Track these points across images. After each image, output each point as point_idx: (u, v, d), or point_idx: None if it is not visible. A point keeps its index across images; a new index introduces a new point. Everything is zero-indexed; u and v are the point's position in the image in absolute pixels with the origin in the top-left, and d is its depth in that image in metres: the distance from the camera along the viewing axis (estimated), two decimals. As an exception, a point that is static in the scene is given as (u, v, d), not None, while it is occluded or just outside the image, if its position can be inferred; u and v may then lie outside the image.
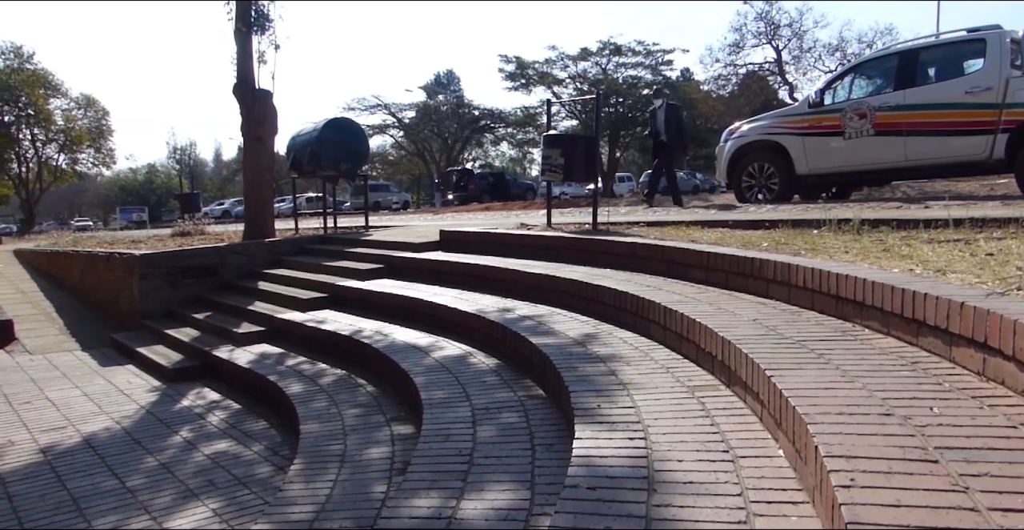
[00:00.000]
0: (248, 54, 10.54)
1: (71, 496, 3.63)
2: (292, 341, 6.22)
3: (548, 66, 40.02)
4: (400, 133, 53.91)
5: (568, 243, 6.33)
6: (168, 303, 8.24)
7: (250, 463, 3.99)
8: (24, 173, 40.46)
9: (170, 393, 5.64)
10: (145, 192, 67.54)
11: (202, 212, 25.96)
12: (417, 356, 4.66)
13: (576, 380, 3.26)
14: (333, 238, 9.91)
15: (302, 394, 4.60)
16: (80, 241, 14.18)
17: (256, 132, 10.60)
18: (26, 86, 38.16)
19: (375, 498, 2.95)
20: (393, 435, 3.75)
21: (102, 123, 42.39)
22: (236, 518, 3.26)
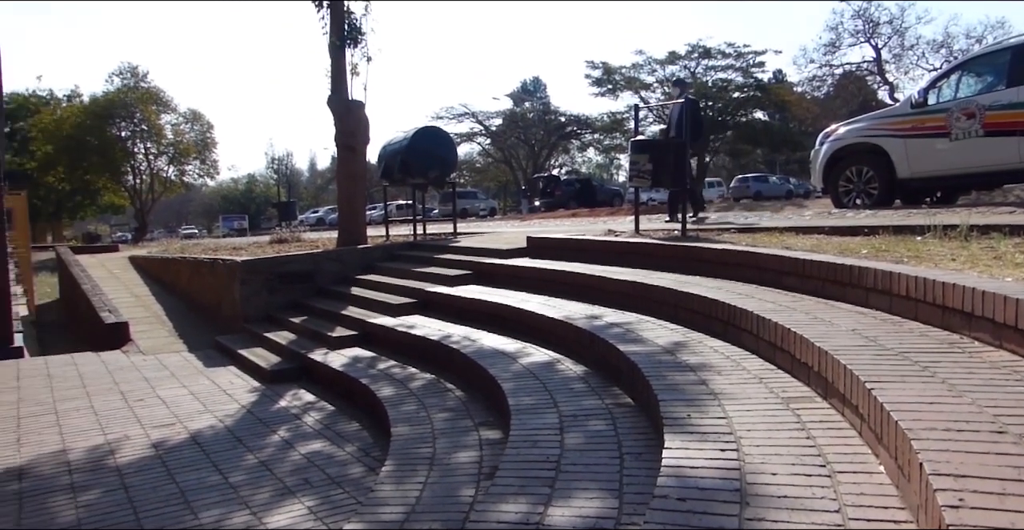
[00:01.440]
0: (341, 67, 10.88)
1: (179, 489, 3.82)
2: (383, 345, 6.37)
3: (635, 71, 39.69)
4: (487, 141, 54.49)
5: (656, 250, 6.26)
6: (267, 307, 8.57)
7: (343, 463, 4.11)
8: (138, 184, 42.95)
9: (268, 394, 5.86)
10: (245, 201, 70.52)
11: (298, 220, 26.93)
12: (504, 362, 4.70)
13: (665, 389, 3.22)
14: (422, 244, 10.10)
15: (393, 397, 4.70)
16: (187, 248, 14.93)
17: (349, 142, 10.93)
18: (140, 103, 40.54)
19: (463, 502, 2.99)
20: (481, 440, 3.79)
21: (207, 136, 44.53)
22: (330, 516, 3.36)
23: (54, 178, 40.61)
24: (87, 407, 5.67)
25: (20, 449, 4.65)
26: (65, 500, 3.76)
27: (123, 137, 41.08)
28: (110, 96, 40.71)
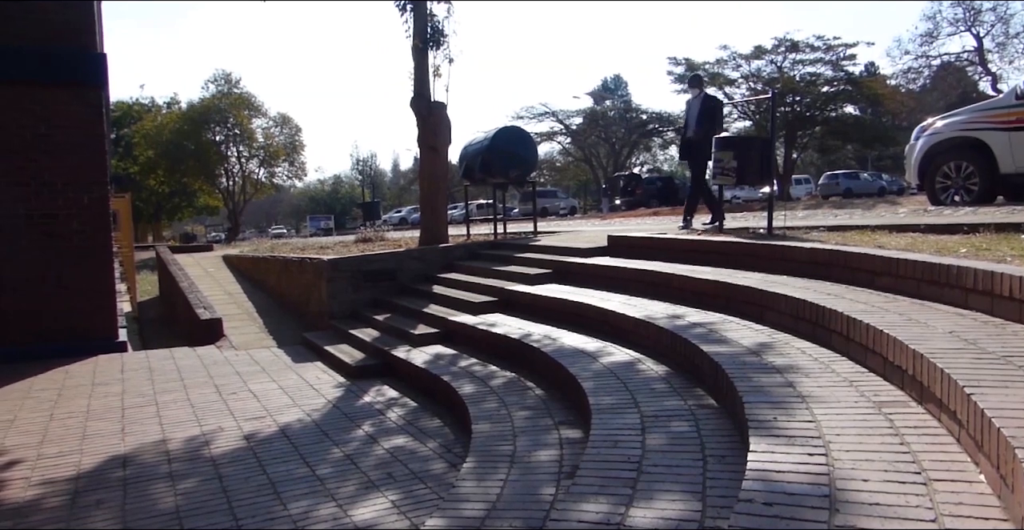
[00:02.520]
0: (424, 69, 11.05)
1: (270, 480, 3.96)
2: (464, 343, 6.44)
3: (719, 66, 38.85)
4: (567, 139, 54.37)
5: (741, 248, 6.12)
6: (352, 305, 8.80)
7: (425, 459, 4.18)
8: (231, 186, 44.76)
9: (353, 389, 6.01)
10: (331, 201, 72.44)
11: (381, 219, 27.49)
12: (585, 361, 4.68)
13: (750, 391, 3.15)
14: (503, 243, 10.16)
15: (474, 395, 4.75)
16: (276, 247, 15.45)
17: (431, 142, 11.09)
18: (233, 108, 42.25)
19: (544, 500, 3.00)
20: (561, 439, 3.79)
21: (295, 139, 46.01)
22: (413, 511, 3.42)
23: (155, 181, 42.78)
24: (184, 399, 5.94)
25: (124, 438, 4.91)
26: (165, 487, 3.94)
27: (217, 141, 42.88)
28: (206, 102, 42.57)
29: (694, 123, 9.19)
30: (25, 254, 8.14)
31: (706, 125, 9.01)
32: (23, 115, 8.10)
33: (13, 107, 8.06)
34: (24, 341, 8.08)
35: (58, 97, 8.23)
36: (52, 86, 8.20)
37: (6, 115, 8.03)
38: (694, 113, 9.24)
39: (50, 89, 8.20)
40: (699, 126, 9.08)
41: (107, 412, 5.64)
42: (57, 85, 8.21)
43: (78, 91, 8.34)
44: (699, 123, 9.10)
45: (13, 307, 8.08)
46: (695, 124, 9.17)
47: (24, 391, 6.51)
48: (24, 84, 8.08)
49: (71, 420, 5.44)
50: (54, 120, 8.22)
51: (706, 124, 9.01)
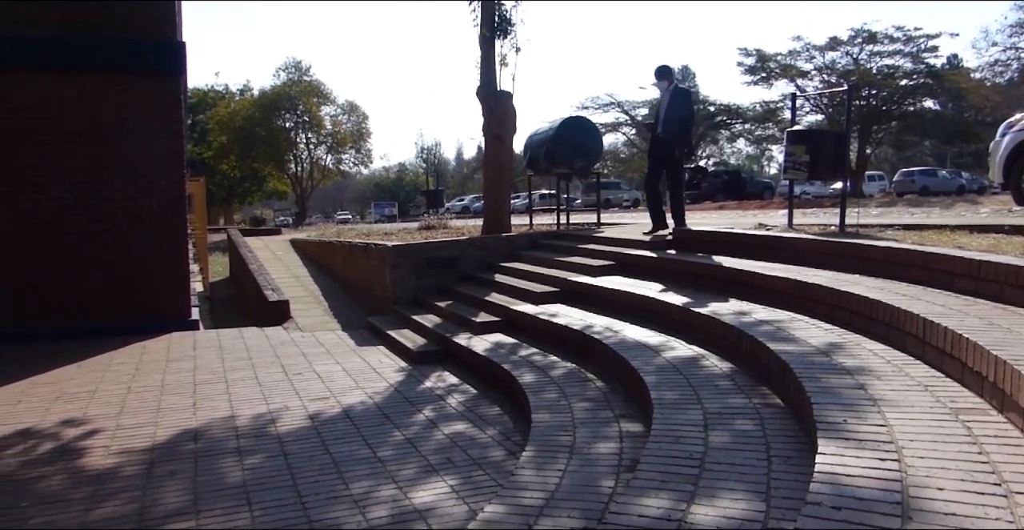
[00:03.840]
0: (491, 58, 11.07)
1: (333, 460, 4.05)
2: (525, 332, 6.46)
3: (792, 58, 37.77)
4: (633, 131, 53.76)
5: (811, 245, 5.97)
6: (415, 291, 8.91)
7: (484, 446, 4.21)
8: (299, 172, 45.76)
9: (414, 374, 6.10)
10: (395, 189, 73.32)
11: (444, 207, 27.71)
12: (647, 355, 4.65)
13: (819, 391, 3.07)
14: (565, 234, 10.13)
15: (533, 384, 4.77)
16: (342, 233, 15.72)
17: (496, 132, 11.12)
18: (303, 96, 43.15)
19: (603, 493, 2.99)
20: (621, 432, 3.77)
21: (362, 127, 46.72)
22: (471, 496, 3.45)
23: (227, 166, 44.02)
24: (252, 378, 6.11)
25: (196, 413, 5.09)
26: (233, 462, 4.07)
27: (287, 128, 43.86)
28: (276, 89, 43.55)
29: (663, 118, 8.34)
30: (109, 235, 8.49)
31: (674, 120, 8.25)
32: (108, 103, 8.43)
33: (99, 95, 8.39)
34: (106, 317, 8.45)
35: (140, 85, 8.54)
36: (135, 75, 8.51)
37: (93, 103, 8.37)
38: (663, 107, 8.41)
39: (133, 77, 8.51)
40: (667, 122, 8.28)
41: (180, 387, 5.85)
42: (139, 74, 8.52)
43: (159, 79, 8.63)
44: (667, 119, 8.29)
45: (97, 285, 8.45)
46: (663, 119, 8.33)
47: (105, 364, 6.80)
48: (109, 73, 8.41)
49: (147, 394, 5.67)
50: (136, 107, 8.53)
51: (674, 119, 8.25)
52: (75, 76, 8.31)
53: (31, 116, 8.18)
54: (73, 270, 8.39)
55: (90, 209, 8.43)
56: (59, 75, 8.26)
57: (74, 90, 8.31)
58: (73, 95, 8.30)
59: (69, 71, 8.29)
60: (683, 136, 8.33)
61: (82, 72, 8.33)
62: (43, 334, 8.10)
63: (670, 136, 8.27)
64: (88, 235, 8.43)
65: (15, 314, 8.19)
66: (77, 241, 8.40)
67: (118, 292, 8.53)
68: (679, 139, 8.26)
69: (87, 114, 8.36)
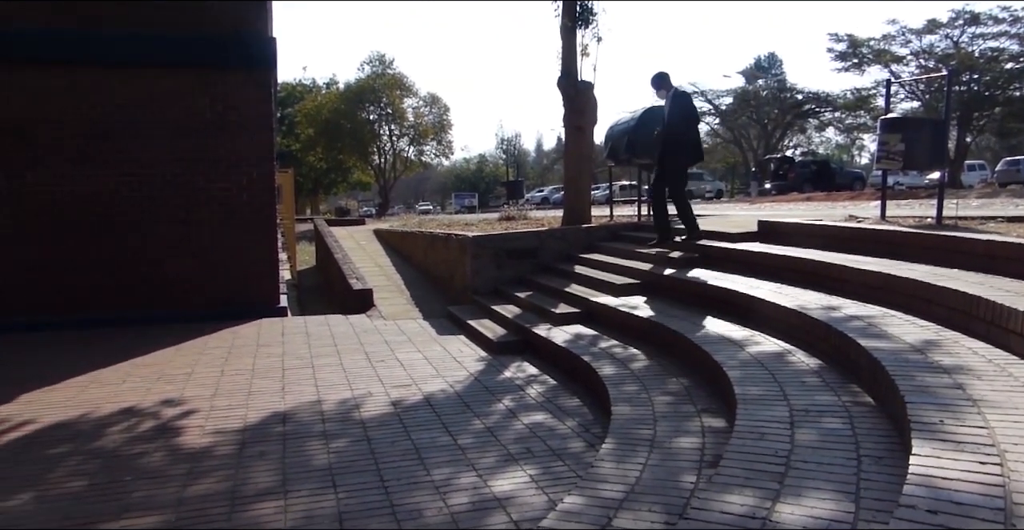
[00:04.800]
0: (572, 48, 11.02)
1: (414, 446, 4.13)
2: (605, 324, 6.42)
3: (886, 42, 36.17)
4: (716, 120, 52.64)
5: (906, 238, 5.72)
6: (494, 281, 8.97)
7: (563, 437, 4.21)
8: (382, 163, 46.70)
9: (494, 364, 6.15)
10: (475, 180, 73.88)
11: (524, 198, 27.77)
12: (731, 349, 4.56)
13: (914, 390, 2.95)
14: (646, 226, 10.00)
15: (614, 377, 4.74)
16: (423, 223, 15.98)
17: (577, 122, 11.07)
18: (387, 88, 44.00)
19: (684, 488, 2.96)
20: (703, 427, 3.71)
21: (443, 118, 47.30)
22: (551, 487, 3.46)
23: (314, 158, 45.30)
24: (337, 364, 6.29)
25: (284, 397, 5.27)
26: (319, 445, 4.20)
27: (371, 120, 44.82)
28: (361, 83, 44.53)
29: (666, 121, 8.08)
30: (203, 225, 8.86)
31: (677, 127, 7.89)
32: (203, 97, 8.78)
33: (195, 90, 8.75)
34: (200, 304, 8.84)
35: (233, 80, 8.86)
36: (228, 70, 8.83)
37: (189, 98, 8.74)
38: (666, 112, 8.11)
39: (226, 72, 8.83)
40: (669, 124, 7.99)
41: (269, 371, 6.07)
42: (232, 69, 8.84)
43: (251, 74, 8.93)
44: (669, 121, 7.99)
45: (193, 272, 8.84)
46: (666, 122, 8.07)
47: (200, 348, 7.12)
48: (204, 68, 8.76)
49: (239, 377, 5.91)
50: (229, 101, 8.86)
51: (677, 126, 7.90)
52: (174, 72, 8.69)
53: (133, 111, 8.60)
54: (170, 258, 8.81)
55: (186, 200, 8.81)
56: (159, 71, 8.65)
57: (173, 85, 8.69)
58: (172, 90, 8.69)
59: (168, 67, 8.67)
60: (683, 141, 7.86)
61: (180, 68, 8.70)
62: (143, 318, 8.53)
63: (672, 136, 7.90)
64: (184, 225, 8.82)
65: (118, 299, 8.66)
66: (174, 230, 8.80)
67: (212, 279, 8.91)
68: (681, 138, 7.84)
69: (184, 108, 8.73)
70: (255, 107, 8.99)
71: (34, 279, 8.43)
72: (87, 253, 8.56)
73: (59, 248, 8.48)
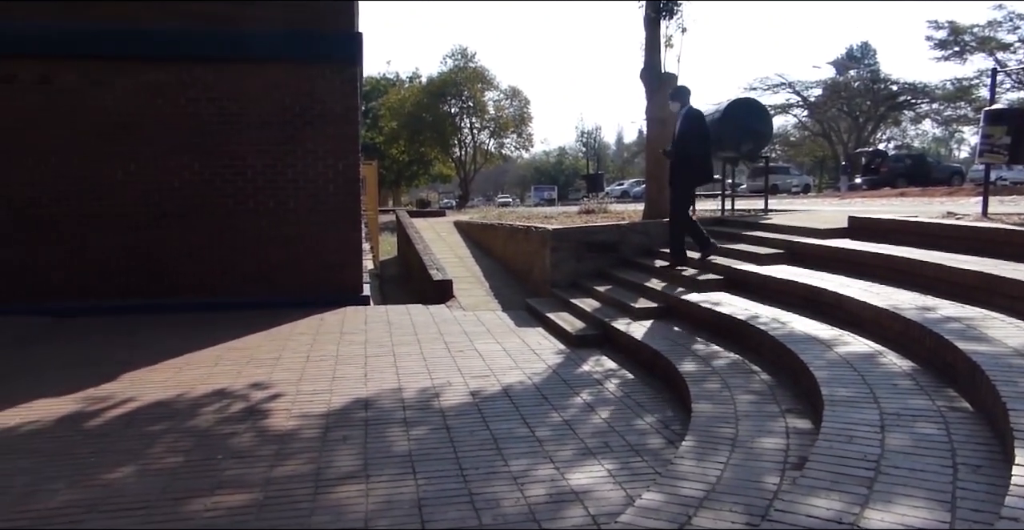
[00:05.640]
0: (656, 39, 10.86)
1: (492, 436, 4.17)
2: (686, 320, 6.33)
3: (991, 29, 34.33)
4: (804, 112, 50.99)
5: (1010, 237, 5.43)
6: (573, 274, 8.95)
7: (642, 433, 4.18)
8: (463, 156, 47.17)
9: (572, 357, 6.14)
10: (555, 172, 73.74)
11: (604, 191, 27.56)
12: (818, 349, 4.43)
13: (1017, 397, 2.81)
14: (730, 220, 9.82)
15: (695, 373, 4.67)
16: (503, 215, 16.05)
17: (659, 115, 10.91)
18: (468, 82, 44.35)
19: (766, 489, 2.89)
20: (788, 427, 3.62)
21: (524, 111, 47.33)
22: (628, 482, 3.44)
23: (396, 150, 46.10)
24: (417, 353, 6.40)
25: (366, 384, 5.40)
26: (399, 432, 4.29)
27: (452, 113, 45.24)
28: (443, 76, 44.99)
29: (676, 140, 7.77)
30: (291, 214, 9.15)
31: (691, 145, 7.57)
32: (293, 90, 9.04)
33: (285, 84, 9.02)
34: (288, 291, 9.14)
35: (321, 74, 9.09)
36: (316, 64, 9.07)
37: (281, 92, 9.02)
38: (676, 130, 7.82)
39: (315, 67, 9.07)
40: (678, 143, 7.69)
41: (352, 358, 6.23)
42: (322, 63, 9.07)
43: (338, 68, 9.15)
44: (679, 140, 7.69)
45: (281, 260, 9.14)
46: (676, 140, 7.76)
47: (287, 334, 7.36)
48: (294, 63, 9.02)
49: (323, 363, 6.08)
50: (317, 94, 9.10)
51: (690, 144, 7.57)
52: (265, 67, 8.97)
53: (227, 104, 8.93)
54: (260, 246, 9.12)
55: (276, 190, 9.11)
56: (251, 67, 8.95)
57: (264, 80, 8.98)
58: (265, 85, 8.98)
59: (259, 62, 8.97)
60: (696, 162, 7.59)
61: (271, 63, 8.98)
62: (233, 304, 8.88)
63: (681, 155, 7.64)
64: (274, 214, 9.12)
65: (211, 286, 9.03)
66: (264, 220, 9.11)
67: (299, 268, 9.19)
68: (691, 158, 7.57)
69: (275, 102, 9.01)
70: (342, 101, 9.20)
71: (133, 265, 8.87)
72: (182, 241, 8.96)
73: (156, 235, 8.90)
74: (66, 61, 8.55)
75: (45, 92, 8.53)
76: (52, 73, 8.54)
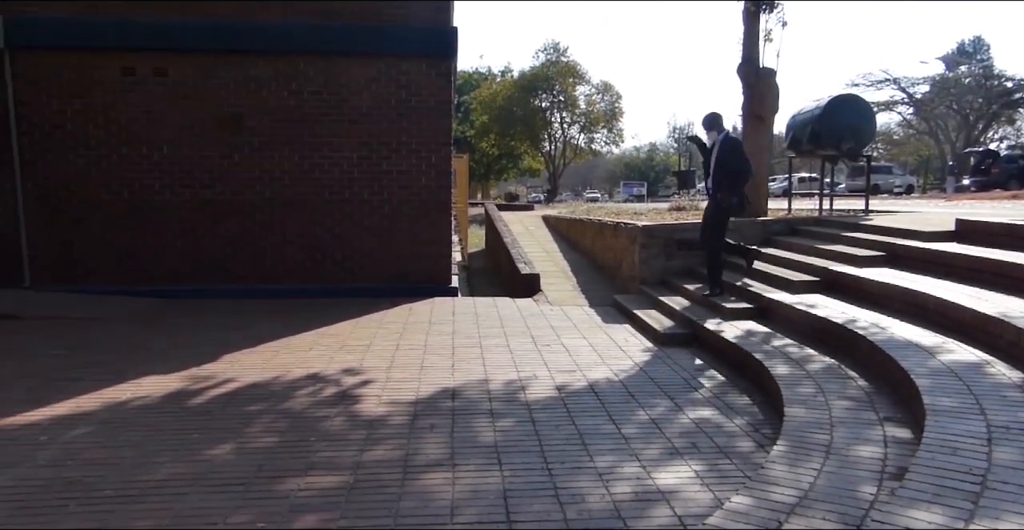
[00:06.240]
0: (754, 33, 10.62)
1: (578, 431, 4.18)
2: (779, 322, 6.17)
3: None
4: (909, 110, 48.68)
5: None
6: (662, 272, 8.84)
7: (731, 435, 4.10)
8: (552, 150, 47.16)
9: (660, 355, 6.08)
10: (645, 168, 72.89)
11: (695, 188, 27.06)
12: (920, 356, 4.25)
13: None
14: (828, 221, 9.50)
15: (787, 377, 4.55)
16: (592, 211, 15.98)
17: (757, 111, 10.66)
18: (560, 76, 44.29)
19: (862, 498, 2.80)
20: (886, 436, 3.49)
21: (615, 106, 46.93)
22: (716, 485, 3.39)
23: (487, 144, 46.49)
24: (504, 346, 6.46)
25: (453, 374, 5.49)
26: (485, 422, 4.35)
27: (543, 107, 45.26)
28: (535, 70, 45.05)
29: (712, 171, 7.39)
30: (384, 205, 9.37)
31: (726, 174, 7.24)
32: (390, 84, 9.25)
33: (383, 77, 9.23)
34: (378, 280, 9.37)
35: (417, 68, 9.26)
36: (413, 58, 9.24)
37: (377, 85, 9.24)
38: (713, 158, 7.40)
39: (412, 61, 9.24)
40: (716, 176, 7.34)
41: (440, 348, 6.34)
42: (417, 57, 9.24)
43: (433, 62, 9.30)
44: (716, 172, 7.33)
45: (373, 250, 9.39)
46: (713, 173, 7.39)
47: (378, 322, 7.56)
48: (391, 56, 9.21)
49: (412, 351, 6.22)
50: (412, 88, 9.28)
51: (725, 172, 7.24)
52: (362, 60, 9.21)
53: (326, 97, 9.21)
54: (353, 235, 9.39)
55: (370, 181, 9.34)
56: (349, 60, 9.20)
57: (361, 73, 9.22)
58: (362, 78, 9.21)
59: (361, 56, 9.20)
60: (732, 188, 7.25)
61: (368, 56, 9.20)
62: (327, 291, 9.18)
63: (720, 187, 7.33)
64: (367, 204, 9.37)
65: (306, 273, 9.36)
66: (359, 210, 9.37)
67: (390, 257, 9.41)
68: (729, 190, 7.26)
69: (372, 95, 9.24)
70: (435, 94, 9.35)
71: (235, 251, 9.27)
72: (282, 228, 9.30)
73: (257, 222, 9.28)
74: (182, 55, 8.99)
75: (162, 84, 9.01)
76: (169, 66, 9.00)
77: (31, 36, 8.75)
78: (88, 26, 8.77)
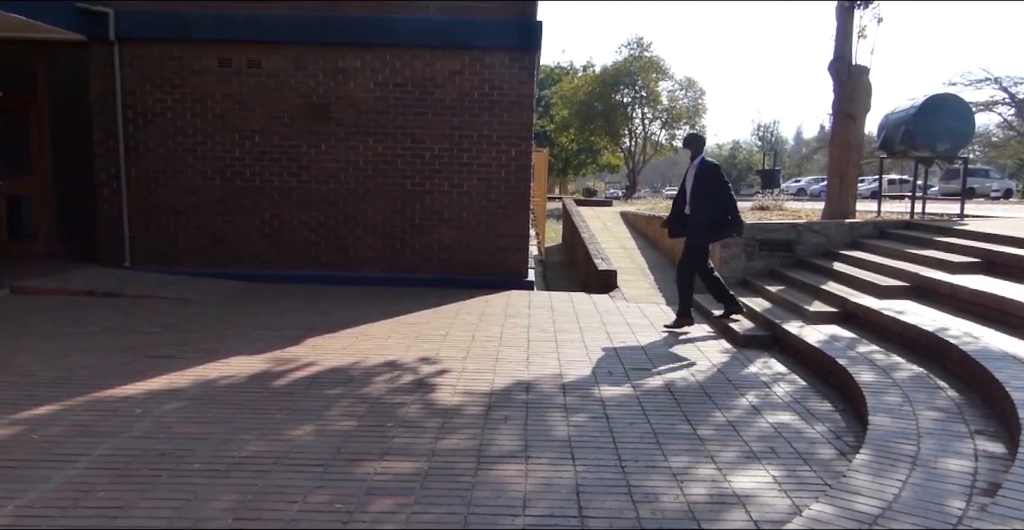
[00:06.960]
0: (848, 29, 10.34)
1: (652, 430, 4.15)
2: (864, 327, 5.97)
3: None
4: (1011, 111, 46.10)
5: None
6: (743, 272, 8.67)
7: (811, 441, 4.00)
8: (632, 147, 46.70)
9: (739, 357, 5.97)
10: (727, 166, 71.32)
11: (779, 188, 26.40)
12: (1016, 368, 4.05)
13: None
14: (919, 224, 9.13)
15: (873, 384, 4.40)
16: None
17: (848, 109, 10.37)
18: (642, 71, 43.76)
19: (950, 513, 2.70)
20: (977, 450, 3.35)
21: (698, 103, 46.08)
22: (795, 491, 3.31)
23: (566, 139, 46.35)
24: (579, 340, 6.45)
25: (528, 367, 5.52)
26: (559, 417, 4.36)
27: (624, 103, 44.82)
28: (617, 66, 44.61)
29: (689, 198, 7.02)
30: (464, 197, 9.48)
31: (704, 199, 6.88)
32: (473, 77, 9.34)
33: (467, 70, 9.33)
34: (456, 271, 9.50)
35: (500, 61, 9.31)
36: (498, 52, 9.29)
37: (461, 78, 9.33)
38: (690, 182, 7.04)
39: (496, 54, 9.30)
40: (693, 203, 6.97)
41: (515, 341, 6.39)
42: (502, 51, 9.29)
43: (516, 55, 9.34)
44: (693, 199, 6.97)
45: (451, 241, 9.52)
46: (689, 199, 7.01)
47: (454, 313, 7.66)
48: (475, 50, 9.29)
49: (488, 343, 6.28)
50: (495, 81, 9.34)
51: (703, 198, 6.87)
52: (447, 53, 9.31)
53: (411, 89, 9.36)
54: (434, 226, 9.53)
55: (451, 173, 9.46)
56: (434, 53, 9.31)
57: (445, 66, 9.33)
58: (447, 71, 9.33)
59: (442, 49, 9.31)
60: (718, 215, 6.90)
61: (453, 50, 9.30)
62: (406, 280, 9.36)
63: (698, 218, 6.96)
64: (448, 196, 9.49)
65: (386, 261, 9.55)
66: (439, 201, 9.50)
67: (468, 249, 9.52)
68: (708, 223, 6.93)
69: (454, 88, 9.34)
70: (518, 87, 9.39)
71: (319, 238, 9.54)
72: (364, 217, 9.52)
73: (341, 211, 9.52)
74: (274, 46, 9.29)
75: (255, 75, 9.33)
76: (263, 58, 9.31)
77: (139, 29, 9.20)
78: (190, 19, 9.16)
